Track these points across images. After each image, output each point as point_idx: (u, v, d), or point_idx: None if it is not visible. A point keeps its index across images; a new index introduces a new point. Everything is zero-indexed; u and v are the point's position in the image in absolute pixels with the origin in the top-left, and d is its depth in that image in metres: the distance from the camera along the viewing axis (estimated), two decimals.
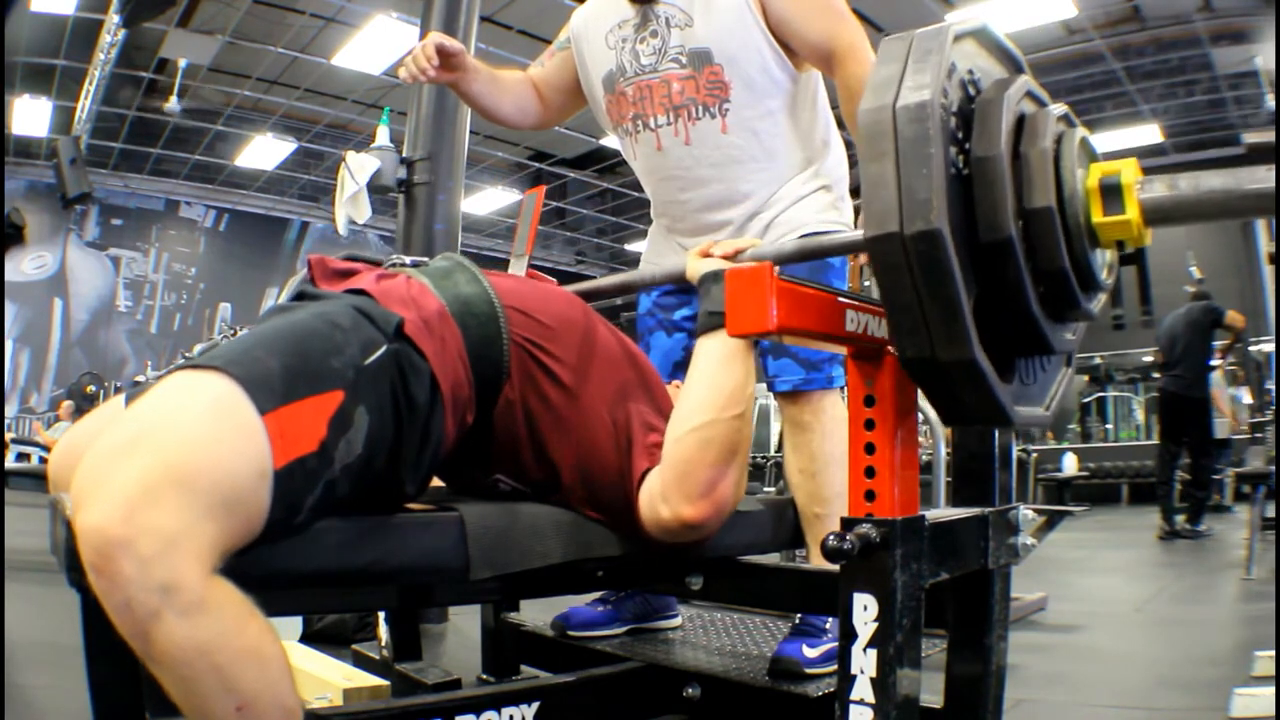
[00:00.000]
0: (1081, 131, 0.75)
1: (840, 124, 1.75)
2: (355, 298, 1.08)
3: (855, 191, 1.77)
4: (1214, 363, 5.78)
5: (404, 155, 3.56)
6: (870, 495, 0.92)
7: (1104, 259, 0.76)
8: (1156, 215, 0.72)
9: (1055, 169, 0.70)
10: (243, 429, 0.83)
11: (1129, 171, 0.72)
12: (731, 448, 1.07)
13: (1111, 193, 0.71)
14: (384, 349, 0.99)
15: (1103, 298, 0.78)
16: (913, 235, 0.64)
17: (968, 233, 0.67)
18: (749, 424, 1.09)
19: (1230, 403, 6.51)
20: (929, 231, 0.64)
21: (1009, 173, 0.69)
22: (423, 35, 3.90)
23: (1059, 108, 0.75)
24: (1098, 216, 0.72)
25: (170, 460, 0.77)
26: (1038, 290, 0.71)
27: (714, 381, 1.08)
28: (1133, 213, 0.71)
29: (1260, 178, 0.70)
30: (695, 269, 1.14)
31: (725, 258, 1.13)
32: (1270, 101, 9.67)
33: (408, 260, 1.28)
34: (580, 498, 1.17)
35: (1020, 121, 0.71)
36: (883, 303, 0.71)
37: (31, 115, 10.41)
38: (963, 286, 0.66)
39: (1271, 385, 6.28)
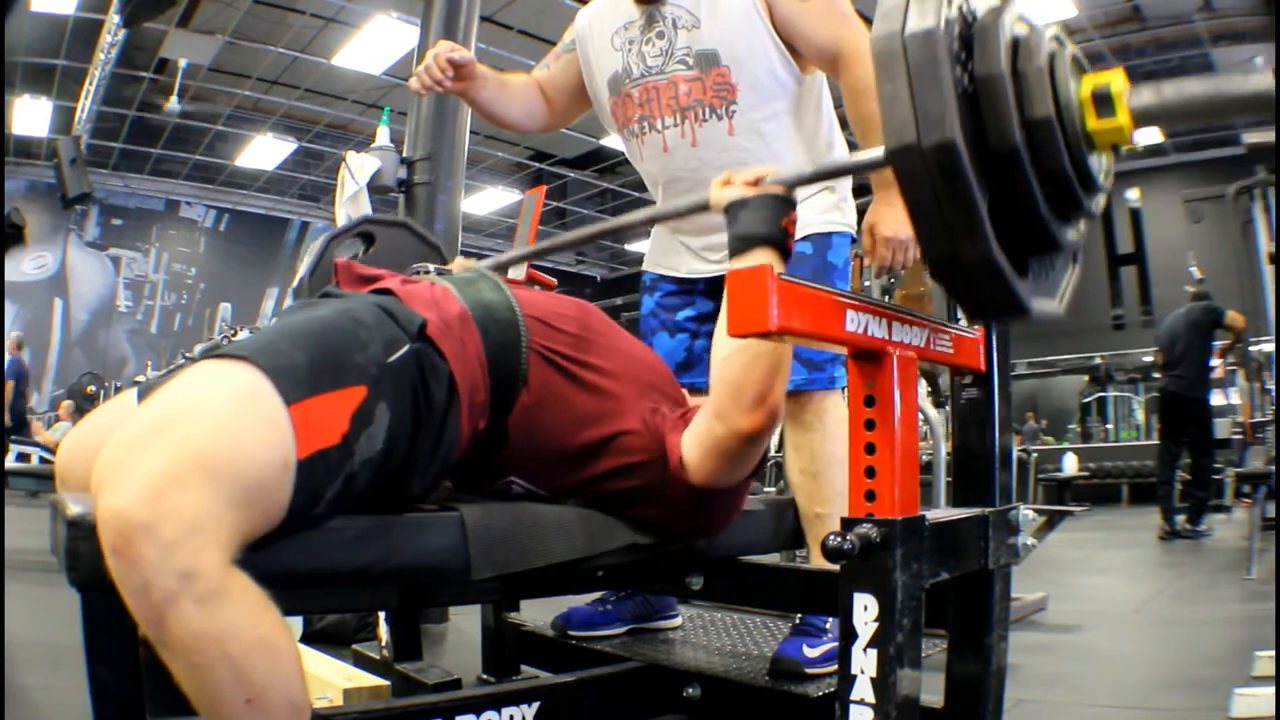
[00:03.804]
0: (1072, 50, 0.81)
1: (844, 125, 1.75)
2: (379, 297, 1.09)
3: (858, 191, 1.78)
4: (1214, 363, 5.78)
5: (404, 155, 3.56)
6: (871, 495, 0.92)
7: (1101, 163, 0.83)
8: (1145, 118, 0.79)
9: (1051, 83, 0.77)
10: (268, 419, 0.83)
11: (1118, 81, 0.79)
12: (776, 361, 1.09)
13: (1103, 101, 0.78)
14: (406, 348, 1.00)
15: (1101, 199, 0.85)
16: (930, 147, 0.71)
17: (977, 142, 0.74)
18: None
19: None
20: (945, 142, 0.70)
21: (1010, 88, 0.75)
22: (423, 36, 3.90)
23: (1051, 29, 0.81)
24: (1092, 123, 0.78)
25: (196, 447, 0.77)
26: (1044, 192, 0.78)
27: None
28: (1123, 118, 0.77)
29: (1238, 83, 0.77)
30: (719, 198, 1.14)
31: (747, 185, 1.12)
32: None
33: (432, 268, 1.29)
34: (604, 495, 1.17)
35: (1015, 43, 0.78)
36: (907, 210, 0.76)
37: (31, 115, 10.42)
38: (978, 191, 0.72)
39: (1271, 385, 6.28)
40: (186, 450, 0.77)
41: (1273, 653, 2.03)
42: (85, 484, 0.81)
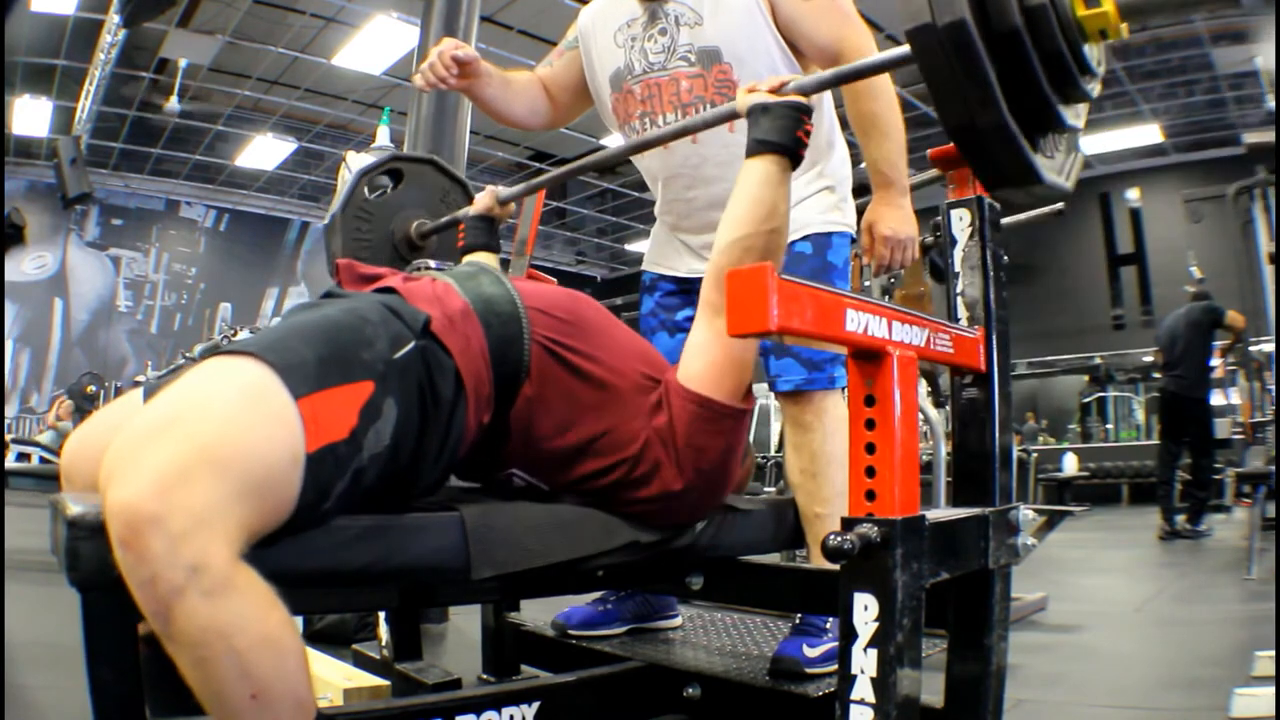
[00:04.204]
0: None
1: (844, 125, 1.75)
2: (383, 295, 1.10)
3: (858, 191, 1.77)
4: (1214, 363, 5.78)
5: None
6: (871, 495, 0.92)
7: (1095, 53, 0.93)
8: (1127, 9, 0.89)
9: None
10: (277, 413, 0.84)
11: None
12: (768, 255, 1.18)
13: None
14: (412, 345, 1.01)
15: (1098, 85, 0.94)
16: (944, 25, 0.83)
17: (984, 24, 0.84)
18: (783, 236, 1.21)
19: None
20: (957, 20, 0.82)
21: None
22: (423, 36, 3.91)
23: None
24: (1081, 11, 0.88)
25: (205, 441, 0.78)
26: (1045, 72, 0.88)
27: (756, 199, 1.17)
28: (1108, 6, 0.88)
29: None
30: (744, 102, 1.21)
31: (771, 92, 1.19)
32: (1270, 101, 9.67)
33: (432, 264, 1.29)
34: (605, 488, 1.17)
35: None
36: (927, 85, 0.86)
37: (31, 115, 10.41)
38: (988, 63, 0.83)
39: (1272, 385, 6.28)
40: (195, 444, 0.77)
41: (1273, 653, 2.03)
42: (90, 483, 0.82)
